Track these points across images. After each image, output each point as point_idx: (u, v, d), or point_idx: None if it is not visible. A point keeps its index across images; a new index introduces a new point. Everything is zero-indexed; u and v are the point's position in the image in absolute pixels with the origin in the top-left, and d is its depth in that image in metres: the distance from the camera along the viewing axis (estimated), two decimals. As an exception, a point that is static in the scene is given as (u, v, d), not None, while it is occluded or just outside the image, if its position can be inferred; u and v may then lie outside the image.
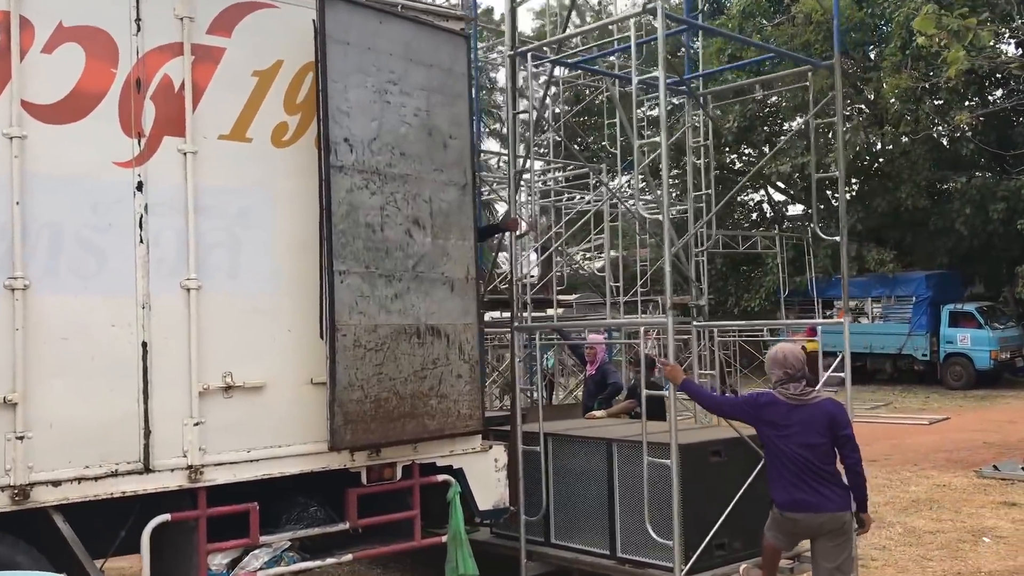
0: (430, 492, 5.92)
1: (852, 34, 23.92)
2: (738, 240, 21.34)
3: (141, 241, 4.87)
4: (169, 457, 4.89)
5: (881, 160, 27.21)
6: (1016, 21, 21.05)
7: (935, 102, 24.07)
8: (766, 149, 27.76)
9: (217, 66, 5.18)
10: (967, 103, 24.16)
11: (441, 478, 5.91)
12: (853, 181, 27.44)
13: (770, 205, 33.42)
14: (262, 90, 5.34)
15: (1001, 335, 23.33)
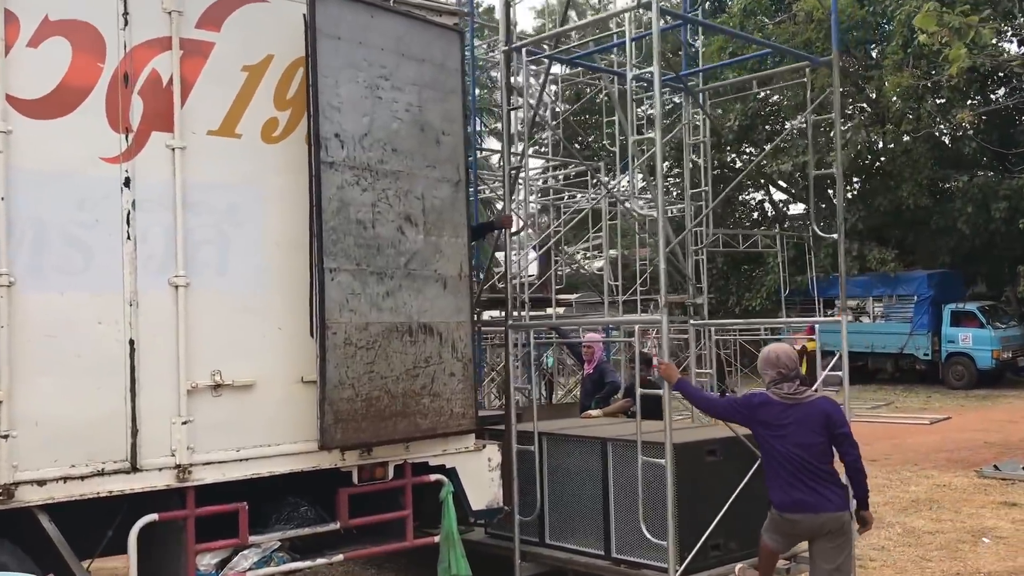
0: (423, 492, 5.87)
1: (853, 32, 23.84)
2: (739, 239, 21.27)
3: (128, 238, 4.82)
4: (157, 456, 4.84)
5: (883, 159, 27.13)
6: (1018, 19, 21.01)
7: (937, 101, 24.03)
8: (767, 148, 27.72)
9: (206, 61, 5.13)
10: (969, 101, 24.10)
11: (434, 478, 5.86)
12: (855, 180, 27.38)
13: (771, 204, 33.38)
14: (252, 85, 5.28)
15: (1003, 334, 23.28)
